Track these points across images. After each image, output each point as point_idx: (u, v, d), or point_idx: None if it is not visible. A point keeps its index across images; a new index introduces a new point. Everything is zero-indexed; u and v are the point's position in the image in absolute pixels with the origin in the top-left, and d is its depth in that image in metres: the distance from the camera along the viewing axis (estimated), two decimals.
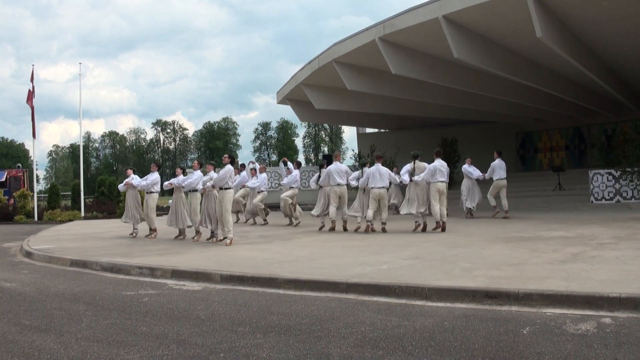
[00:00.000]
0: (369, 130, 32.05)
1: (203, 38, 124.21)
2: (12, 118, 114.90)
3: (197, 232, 12.10)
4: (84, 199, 24.91)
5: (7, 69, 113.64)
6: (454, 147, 24.92)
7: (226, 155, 11.64)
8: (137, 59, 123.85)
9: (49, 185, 35.14)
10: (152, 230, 13.08)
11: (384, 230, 12.41)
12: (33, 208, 23.58)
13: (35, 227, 18.92)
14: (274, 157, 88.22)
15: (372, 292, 6.24)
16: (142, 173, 15.06)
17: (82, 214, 23.42)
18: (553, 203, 19.04)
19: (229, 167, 11.08)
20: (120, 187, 13.95)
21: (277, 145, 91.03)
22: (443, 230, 11.96)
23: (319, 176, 14.65)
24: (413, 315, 5.32)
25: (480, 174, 15.44)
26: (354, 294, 6.30)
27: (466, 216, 15.62)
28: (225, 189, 10.96)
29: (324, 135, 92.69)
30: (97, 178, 37.00)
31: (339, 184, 13.08)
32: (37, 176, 31.89)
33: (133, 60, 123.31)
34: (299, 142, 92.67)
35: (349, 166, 21.66)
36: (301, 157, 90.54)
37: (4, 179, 29.56)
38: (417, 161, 12.57)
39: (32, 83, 23.16)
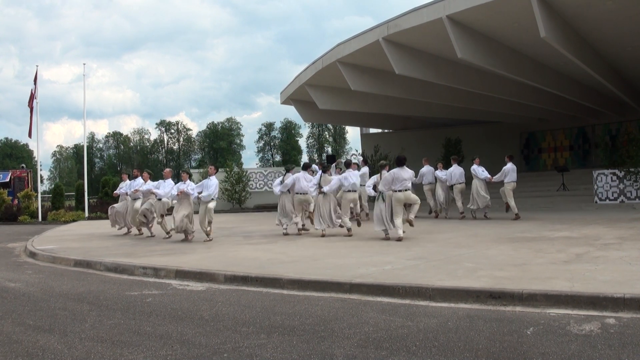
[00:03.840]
0: (372, 130, 32.04)
1: (206, 38, 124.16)
2: (15, 119, 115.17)
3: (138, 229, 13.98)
4: (88, 199, 25.00)
5: (11, 70, 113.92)
6: (458, 148, 24.88)
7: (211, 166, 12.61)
8: (140, 59, 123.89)
9: (52, 186, 35.32)
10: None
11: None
12: (37, 208, 23.67)
13: (39, 228, 18.98)
14: (278, 158, 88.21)
15: (376, 293, 6.23)
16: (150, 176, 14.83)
17: (86, 214, 23.49)
18: (557, 203, 18.99)
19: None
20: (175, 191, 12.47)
21: (280, 145, 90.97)
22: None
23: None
24: (417, 315, 5.32)
25: (488, 175, 15.19)
26: (357, 294, 6.30)
27: (473, 216, 15.53)
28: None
29: (327, 136, 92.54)
30: (101, 178, 37.13)
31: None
32: (41, 176, 31.93)
33: (136, 60, 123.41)
34: (302, 142, 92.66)
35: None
36: (305, 158, 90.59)
37: (8, 180, 29.61)
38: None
39: (35, 84, 23.24)
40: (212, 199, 11.97)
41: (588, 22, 13.62)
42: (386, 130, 31.59)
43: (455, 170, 15.76)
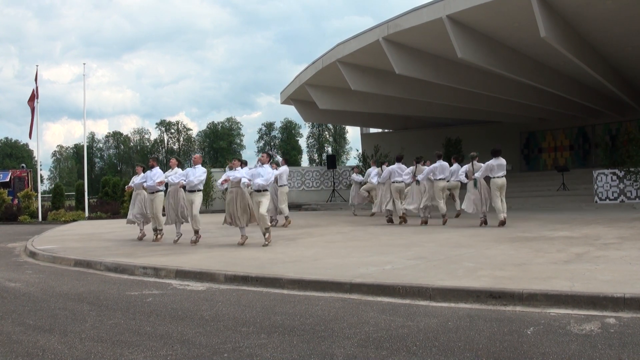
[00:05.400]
0: (372, 130, 32.06)
1: (206, 38, 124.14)
2: (15, 119, 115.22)
3: (158, 231, 12.26)
4: (88, 199, 24.99)
5: (11, 70, 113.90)
6: (458, 147, 24.89)
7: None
8: (140, 59, 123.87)
9: (53, 186, 35.29)
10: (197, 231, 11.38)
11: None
12: (37, 208, 23.66)
13: (39, 228, 18.97)
14: (278, 157, 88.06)
15: (376, 292, 6.23)
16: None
17: (86, 214, 23.48)
18: (557, 203, 19.00)
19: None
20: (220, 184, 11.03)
21: (281, 145, 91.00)
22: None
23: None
24: (417, 315, 5.32)
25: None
26: (357, 294, 6.30)
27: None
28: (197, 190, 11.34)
29: (327, 136, 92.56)
30: (101, 178, 37.16)
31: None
32: (41, 176, 31.93)
33: (136, 60, 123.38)
34: (302, 142, 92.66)
35: (356, 166, 21.69)
36: (305, 157, 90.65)
37: (8, 180, 29.62)
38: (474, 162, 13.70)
39: (37, 83, 23.26)
40: (266, 189, 10.72)
41: (588, 22, 13.63)
42: (386, 130, 31.60)
43: (455, 168, 15.75)
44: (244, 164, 11.68)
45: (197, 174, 11.26)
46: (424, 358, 4.04)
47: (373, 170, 18.46)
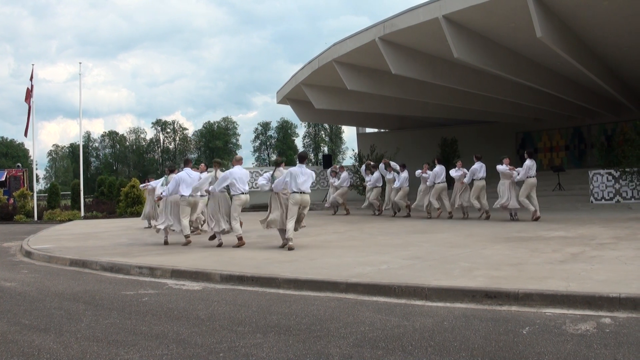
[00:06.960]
0: (368, 130, 32.03)
1: (202, 38, 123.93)
2: (11, 117, 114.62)
3: (185, 237, 11.47)
4: (84, 198, 24.94)
5: (6, 69, 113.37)
6: (454, 147, 24.93)
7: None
8: (136, 58, 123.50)
9: (48, 185, 35.11)
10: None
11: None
12: (33, 208, 23.60)
13: (35, 227, 18.93)
14: (274, 157, 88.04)
15: (372, 292, 6.24)
16: (144, 174, 14.07)
17: (82, 213, 23.43)
18: (553, 203, 19.02)
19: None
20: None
21: (277, 145, 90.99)
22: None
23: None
24: (413, 315, 5.32)
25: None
26: (353, 293, 6.30)
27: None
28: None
29: (323, 135, 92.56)
30: (97, 178, 37.01)
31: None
32: (36, 176, 31.85)
33: (132, 59, 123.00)
34: (299, 142, 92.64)
35: (349, 165, 21.71)
36: None
37: (3, 179, 29.52)
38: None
39: (32, 82, 23.20)
40: (304, 191, 10.03)
41: (584, 22, 13.65)
42: (382, 130, 31.60)
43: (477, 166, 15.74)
44: (278, 164, 11.02)
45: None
46: (420, 357, 4.05)
47: (345, 174, 19.72)
